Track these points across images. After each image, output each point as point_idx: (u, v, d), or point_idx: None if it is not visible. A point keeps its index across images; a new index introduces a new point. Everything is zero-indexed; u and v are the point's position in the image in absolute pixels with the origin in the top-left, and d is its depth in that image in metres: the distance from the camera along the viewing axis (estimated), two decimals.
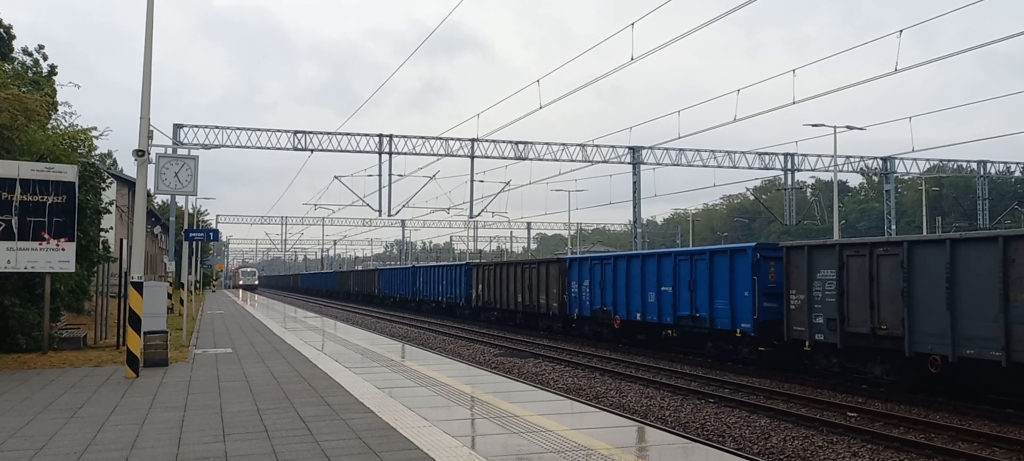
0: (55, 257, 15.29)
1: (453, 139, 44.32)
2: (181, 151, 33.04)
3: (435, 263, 61.48)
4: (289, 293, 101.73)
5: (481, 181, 50.85)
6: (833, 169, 43.55)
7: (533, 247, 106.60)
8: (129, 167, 52.92)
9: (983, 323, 12.53)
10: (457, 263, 43.54)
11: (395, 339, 23.45)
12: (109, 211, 21.43)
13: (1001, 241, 12.41)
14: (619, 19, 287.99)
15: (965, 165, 56.14)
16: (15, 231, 14.91)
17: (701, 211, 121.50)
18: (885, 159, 50.29)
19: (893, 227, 51.45)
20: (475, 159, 44.38)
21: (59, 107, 22.88)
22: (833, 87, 76.42)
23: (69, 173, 15.64)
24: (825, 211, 63.50)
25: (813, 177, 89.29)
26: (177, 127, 41.13)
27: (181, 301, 27.50)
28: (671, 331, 21.98)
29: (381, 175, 42.94)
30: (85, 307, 24.14)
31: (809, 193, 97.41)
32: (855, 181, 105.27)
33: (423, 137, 43.83)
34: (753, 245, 18.42)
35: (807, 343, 16.07)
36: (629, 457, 7.15)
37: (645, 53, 23.93)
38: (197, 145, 40.57)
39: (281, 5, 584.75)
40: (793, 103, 30.46)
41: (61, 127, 21.26)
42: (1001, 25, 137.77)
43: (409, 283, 50.52)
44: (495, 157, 45.07)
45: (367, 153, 43.38)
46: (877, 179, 68.42)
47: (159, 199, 51.23)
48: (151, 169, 14.28)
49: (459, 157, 44.60)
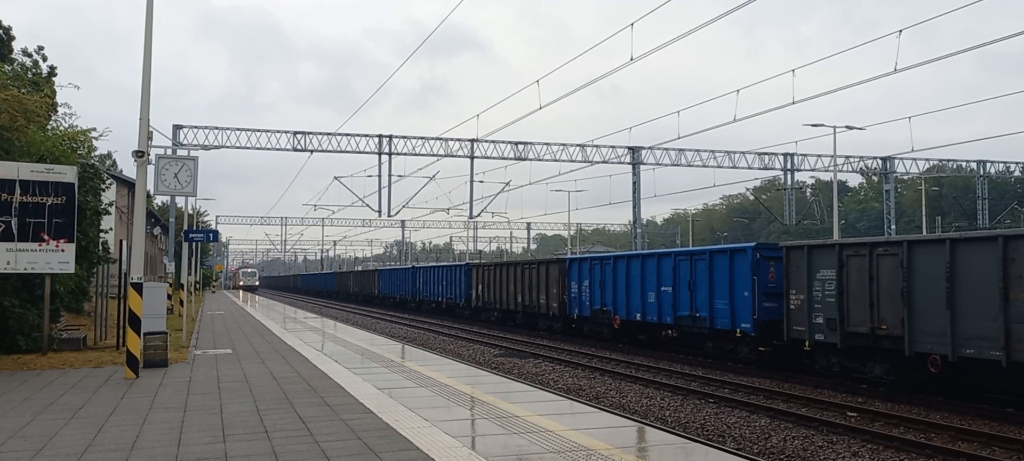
0: (55, 258, 15.28)
1: (453, 139, 44.35)
2: (181, 152, 33.05)
3: (435, 263, 61.48)
4: (289, 294, 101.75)
5: (481, 181, 50.93)
6: (833, 169, 43.58)
7: (533, 247, 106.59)
8: (129, 168, 52.98)
9: (983, 323, 12.53)
10: (457, 263, 43.54)
11: (395, 339, 23.45)
12: (109, 212, 21.41)
13: (1001, 241, 12.42)
14: (618, 19, 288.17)
15: (965, 165, 56.16)
16: (15, 232, 14.90)
17: (701, 211, 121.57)
18: (885, 159, 50.31)
19: (893, 227, 51.45)
20: (475, 159, 44.41)
21: (59, 108, 22.89)
22: (833, 87, 76.47)
23: (69, 174, 15.63)
24: (825, 211, 63.51)
25: (813, 177, 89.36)
26: (177, 128, 41.14)
27: (181, 302, 27.50)
28: (671, 331, 21.99)
29: (381, 175, 42.99)
30: (85, 308, 24.14)
31: (809, 193, 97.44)
32: (855, 181, 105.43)
33: (423, 137, 43.88)
34: (753, 245, 18.43)
35: (807, 343, 16.08)
36: (629, 457, 7.15)
37: (645, 53, 23.96)
38: (196, 146, 40.61)
39: (280, 5, 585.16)
40: (793, 103, 30.50)
41: (61, 128, 21.25)
42: (1000, 24, 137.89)
43: (409, 284, 50.51)
44: (495, 157, 45.11)
45: (367, 153, 43.41)
46: (877, 179, 68.45)
47: (159, 200, 51.16)
48: (151, 170, 14.29)
49: (459, 157, 44.63)
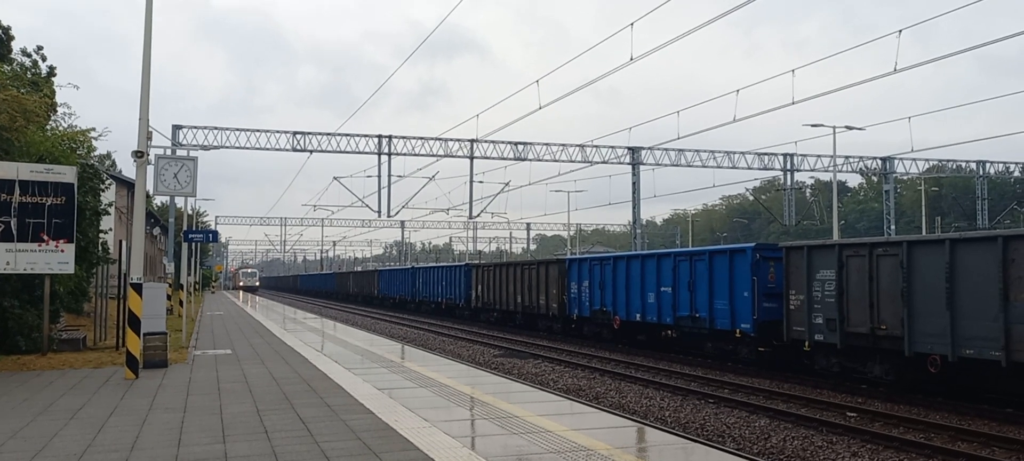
0: (54, 258, 15.28)
1: (452, 140, 44.37)
2: (180, 152, 33.05)
3: (434, 264, 61.48)
4: (288, 294, 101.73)
5: (480, 182, 50.98)
6: (832, 169, 43.60)
7: (532, 248, 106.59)
8: (128, 168, 52.97)
9: (983, 323, 12.53)
10: (456, 264, 43.52)
11: (395, 340, 23.44)
12: (108, 212, 21.41)
13: (1000, 241, 12.41)
14: (617, 21, 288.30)
15: (964, 165, 56.17)
16: (14, 233, 14.90)
17: (700, 211, 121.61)
18: (884, 159, 50.33)
19: (892, 227, 51.47)
20: (474, 160, 44.44)
21: (58, 108, 22.87)
22: (832, 87, 76.39)
23: (68, 174, 15.62)
24: (824, 211, 63.54)
25: (812, 177, 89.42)
26: (176, 128, 41.14)
27: (180, 302, 27.49)
28: (671, 331, 21.98)
29: (380, 176, 43.02)
30: (84, 308, 24.13)
31: (808, 193, 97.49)
32: (854, 181, 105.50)
33: (422, 138, 43.89)
34: (752, 245, 18.42)
35: (807, 343, 16.07)
36: (629, 457, 7.15)
37: (644, 53, 23.95)
38: (196, 146, 40.62)
39: (279, 8, 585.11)
40: (792, 103, 30.54)
41: (60, 128, 21.24)
42: (999, 24, 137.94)
43: (408, 284, 50.50)
44: (494, 158, 45.14)
45: (366, 154, 43.44)
46: (876, 179, 68.47)
47: (158, 200, 51.16)
48: (150, 170, 14.29)
49: (458, 158, 44.66)
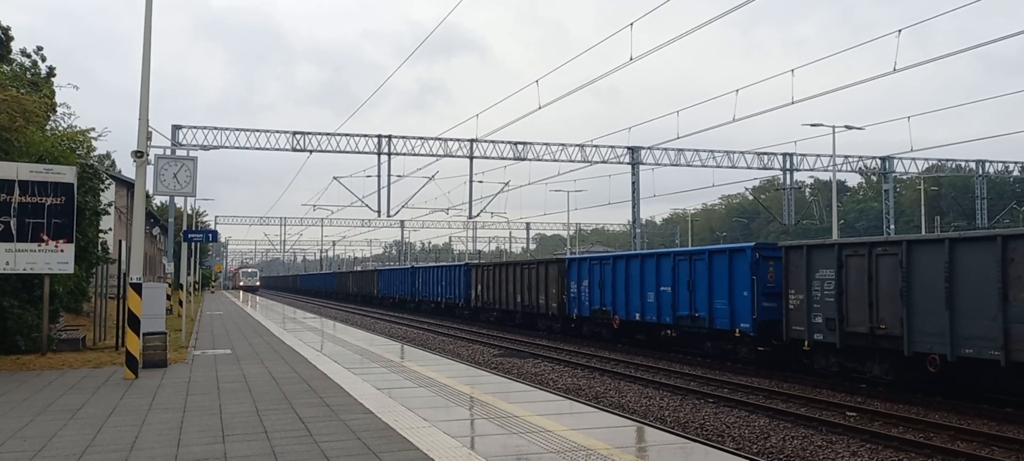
0: (54, 258, 15.27)
1: (452, 139, 44.36)
2: (180, 152, 33.05)
3: (434, 264, 61.49)
4: (288, 294, 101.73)
5: (480, 181, 50.98)
6: (832, 169, 43.61)
7: (532, 247, 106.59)
8: (128, 168, 52.96)
9: (982, 322, 12.54)
10: (456, 264, 43.53)
11: (394, 340, 23.44)
12: (108, 212, 21.39)
13: (1000, 240, 12.42)
14: (616, 21, 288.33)
15: (963, 165, 56.17)
16: (14, 232, 14.89)
17: (700, 211, 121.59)
18: (884, 159, 50.34)
19: (892, 227, 51.48)
20: (474, 159, 44.44)
21: (58, 108, 22.87)
22: (831, 87, 76.52)
23: (68, 174, 15.61)
24: (824, 211, 63.54)
25: (812, 177, 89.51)
26: (175, 128, 41.13)
27: (180, 302, 27.49)
28: (670, 331, 21.99)
29: (380, 176, 43.02)
30: (84, 308, 24.13)
31: (808, 193, 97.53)
32: (854, 181, 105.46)
33: (422, 137, 43.88)
34: (752, 245, 18.43)
35: (806, 343, 16.08)
36: (628, 457, 7.15)
37: (644, 53, 23.94)
38: (195, 146, 40.61)
39: (279, 7, 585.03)
40: (792, 103, 30.55)
41: (60, 128, 21.23)
42: (998, 24, 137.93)
43: (408, 284, 50.49)
44: (494, 157, 45.13)
45: (366, 154, 43.42)
46: (876, 179, 68.47)
47: (158, 200, 51.16)
48: (150, 170, 14.29)
49: (458, 157, 44.65)
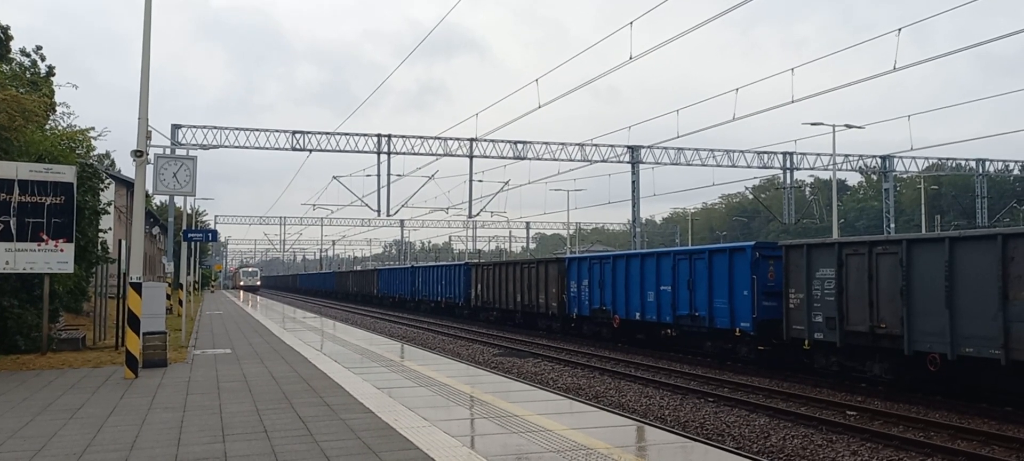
0: (54, 258, 15.27)
1: (452, 139, 44.35)
2: (179, 152, 33.02)
3: (434, 263, 61.48)
4: (288, 293, 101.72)
5: (480, 181, 50.94)
6: (832, 168, 43.60)
7: (532, 247, 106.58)
8: (127, 168, 52.86)
9: (982, 321, 12.53)
10: (456, 263, 43.52)
11: (394, 339, 23.44)
12: (107, 212, 21.37)
13: (1000, 239, 12.42)
14: (616, 20, 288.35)
15: (964, 164, 56.16)
16: (13, 232, 14.88)
17: (700, 210, 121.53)
18: (884, 158, 50.34)
19: (892, 226, 51.48)
20: (474, 159, 44.43)
21: (57, 108, 22.84)
22: (831, 86, 76.47)
23: (67, 174, 15.61)
24: (824, 210, 63.52)
25: (812, 176, 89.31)
26: (175, 127, 41.12)
27: (180, 302, 27.49)
28: (670, 330, 21.98)
29: (380, 175, 43.00)
30: (84, 308, 24.12)
31: (808, 192, 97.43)
32: (854, 180, 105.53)
33: (422, 137, 43.88)
34: (752, 244, 18.42)
35: (806, 342, 16.08)
36: (628, 456, 7.15)
37: (643, 52, 23.89)
38: (195, 145, 40.60)
39: (278, 7, 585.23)
40: (792, 102, 30.52)
41: (59, 128, 21.21)
42: (997, 23, 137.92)
43: (408, 283, 50.49)
44: (494, 157, 45.13)
45: (366, 153, 43.41)
46: (876, 178, 68.48)
47: (157, 200, 51.16)
48: (149, 170, 14.28)
49: (458, 157, 44.63)
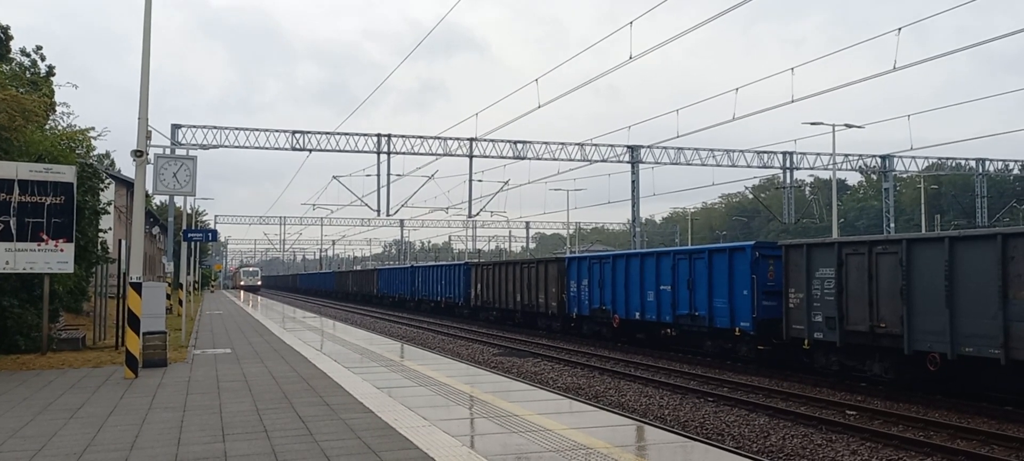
0: (54, 258, 15.26)
1: (452, 139, 44.33)
2: (179, 151, 33.04)
3: (434, 263, 61.48)
4: (288, 293, 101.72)
5: (480, 181, 50.93)
6: (832, 167, 43.58)
7: (532, 246, 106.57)
8: (127, 168, 52.86)
9: (982, 321, 12.54)
10: (456, 263, 43.52)
11: (394, 339, 23.44)
12: (107, 212, 21.37)
13: (1000, 239, 12.42)
14: (616, 19, 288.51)
15: (964, 163, 56.16)
16: (13, 232, 14.87)
17: (700, 210, 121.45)
18: (884, 157, 50.33)
19: (892, 225, 51.47)
20: (474, 159, 44.42)
21: (57, 107, 22.81)
22: (831, 85, 76.47)
23: (67, 174, 15.60)
24: (824, 209, 63.50)
25: (812, 175, 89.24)
26: (175, 127, 41.11)
27: (180, 302, 27.49)
28: (670, 330, 21.99)
29: (380, 175, 42.99)
30: (84, 308, 24.12)
31: (808, 191, 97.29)
32: (854, 179, 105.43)
33: (421, 137, 43.86)
34: (752, 244, 18.42)
35: (806, 341, 16.08)
36: (628, 456, 7.15)
37: (643, 52, 23.87)
38: (195, 145, 40.60)
39: (278, 6, 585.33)
40: (792, 102, 30.53)
41: (59, 128, 21.20)
42: (997, 22, 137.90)
43: (408, 283, 50.48)
44: (494, 156, 45.09)
45: (365, 153, 43.39)
46: (876, 177, 68.47)
47: (157, 199, 51.16)
48: (149, 169, 14.28)
49: (458, 157, 44.61)
